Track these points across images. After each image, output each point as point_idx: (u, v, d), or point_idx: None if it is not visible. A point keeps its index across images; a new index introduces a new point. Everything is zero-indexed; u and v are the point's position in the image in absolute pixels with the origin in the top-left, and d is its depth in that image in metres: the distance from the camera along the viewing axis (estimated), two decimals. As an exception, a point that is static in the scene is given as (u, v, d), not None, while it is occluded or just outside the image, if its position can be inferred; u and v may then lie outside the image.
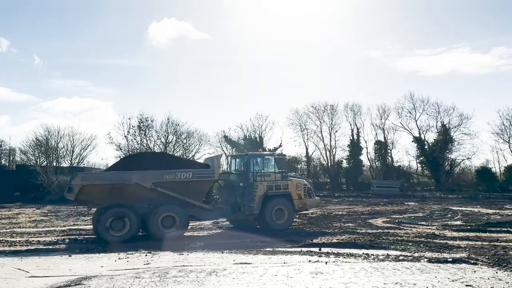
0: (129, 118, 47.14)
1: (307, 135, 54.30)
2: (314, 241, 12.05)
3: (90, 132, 66.79)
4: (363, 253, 9.96)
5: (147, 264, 9.02)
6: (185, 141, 50.72)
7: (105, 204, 13.24)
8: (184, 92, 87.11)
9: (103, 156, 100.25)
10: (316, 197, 17.13)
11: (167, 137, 49.18)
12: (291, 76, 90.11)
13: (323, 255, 9.83)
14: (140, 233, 13.71)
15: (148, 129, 47.73)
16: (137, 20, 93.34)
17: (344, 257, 9.46)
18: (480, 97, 73.68)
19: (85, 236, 13.98)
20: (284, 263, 8.80)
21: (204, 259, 9.50)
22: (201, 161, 23.37)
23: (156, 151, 43.75)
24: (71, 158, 53.19)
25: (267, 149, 51.06)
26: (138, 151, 48.27)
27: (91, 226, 16.17)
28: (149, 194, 13.50)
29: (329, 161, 52.05)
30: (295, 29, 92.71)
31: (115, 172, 13.74)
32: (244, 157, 16.20)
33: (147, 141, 47.79)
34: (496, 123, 49.81)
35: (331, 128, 53.98)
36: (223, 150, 52.77)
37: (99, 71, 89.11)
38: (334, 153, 53.00)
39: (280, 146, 51.34)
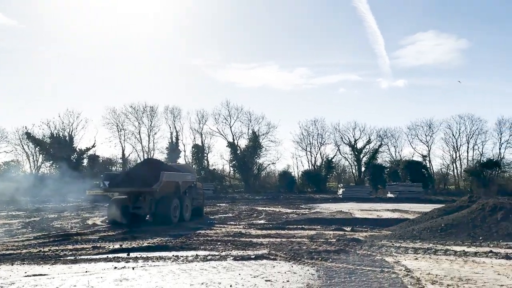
0: None
1: (124, 136, 52.46)
2: (123, 246, 11.40)
3: None
4: (173, 255, 9.84)
5: None
6: (-28, 136, 43.31)
7: (158, 196, 16.69)
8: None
9: None
10: None
11: None
12: (110, 74, 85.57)
13: (131, 260, 9.35)
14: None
15: None
16: None
17: (153, 261, 9.18)
18: (285, 109, 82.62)
19: None
20: (86, 271, 8.06)
21: (-15, 274, 8.03)
22: None
23: None
24: None
25: (78, 149, 47.29)
26: None
27: None
28: (174, 189, 17.80)
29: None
30: (120, 25, 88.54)
31: (176, 173, 18.25)
32: None
33: None
34: (297, 132, 56.72)
35: (150, 130, 53.29)
36: (23, 149, 46.84)
37: None
38: (152, 155, 52.26)
39: (93, 146, 48.15)
